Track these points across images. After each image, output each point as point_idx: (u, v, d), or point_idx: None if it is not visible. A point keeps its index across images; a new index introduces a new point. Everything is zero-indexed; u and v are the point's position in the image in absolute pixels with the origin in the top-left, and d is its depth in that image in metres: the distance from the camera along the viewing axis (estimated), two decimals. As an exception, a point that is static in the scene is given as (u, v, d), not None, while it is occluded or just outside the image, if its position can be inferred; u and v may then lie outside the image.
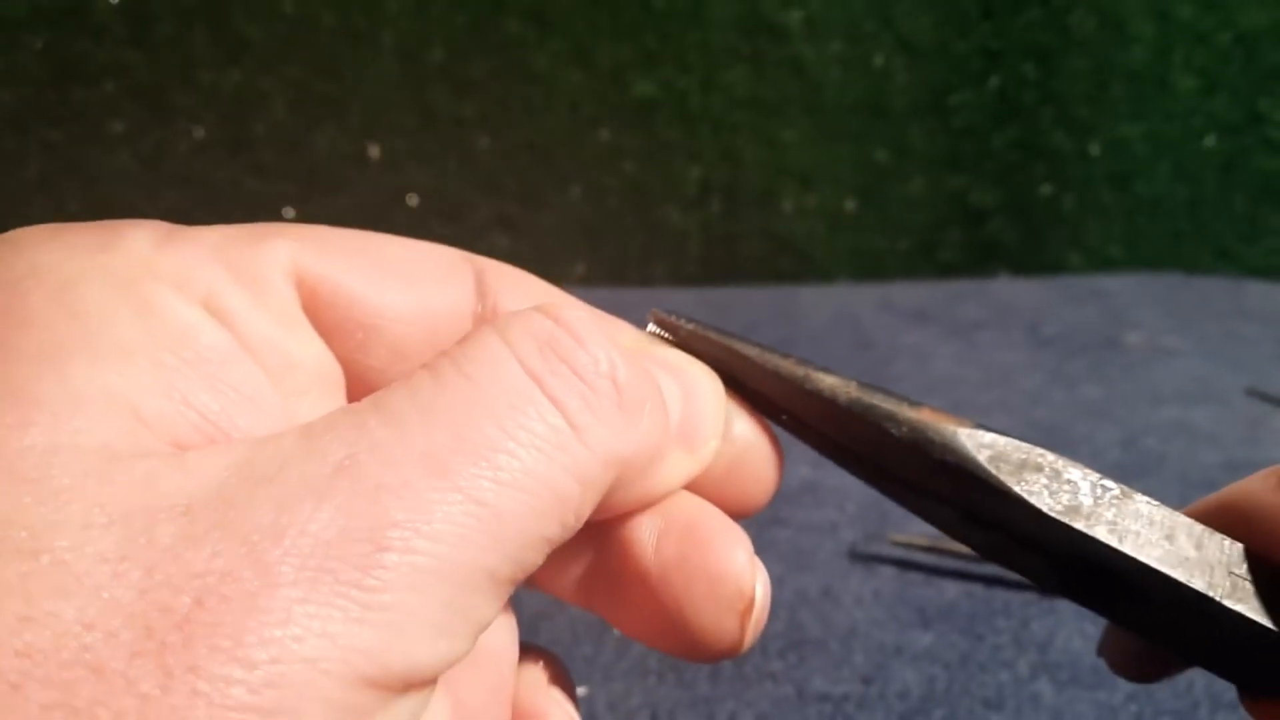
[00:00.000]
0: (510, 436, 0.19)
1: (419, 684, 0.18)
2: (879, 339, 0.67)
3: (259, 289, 0.22)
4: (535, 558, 0.20)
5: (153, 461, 0.18)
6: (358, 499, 0.18)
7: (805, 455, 0.56)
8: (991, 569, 0.46)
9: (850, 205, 0.80)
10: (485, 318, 0.25)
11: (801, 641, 0.43)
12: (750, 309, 0.70)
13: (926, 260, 0.83)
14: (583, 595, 0.25)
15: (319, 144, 0.75)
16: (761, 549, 0.49)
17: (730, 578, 0.24)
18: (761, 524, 0.49)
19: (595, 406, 0.21)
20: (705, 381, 0.25)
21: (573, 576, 0.25)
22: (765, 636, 0.43)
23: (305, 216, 0.77)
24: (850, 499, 0.51)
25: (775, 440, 0.26)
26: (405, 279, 0.24)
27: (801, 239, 0.81)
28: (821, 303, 0.72)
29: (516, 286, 0.25)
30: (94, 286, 0.21)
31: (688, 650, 0.24)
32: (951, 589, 0.46)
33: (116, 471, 0.18)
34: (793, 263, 0.81)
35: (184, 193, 0.76)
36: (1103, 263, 0.82)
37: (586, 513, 0.21)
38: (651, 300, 0.75)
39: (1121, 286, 0.77)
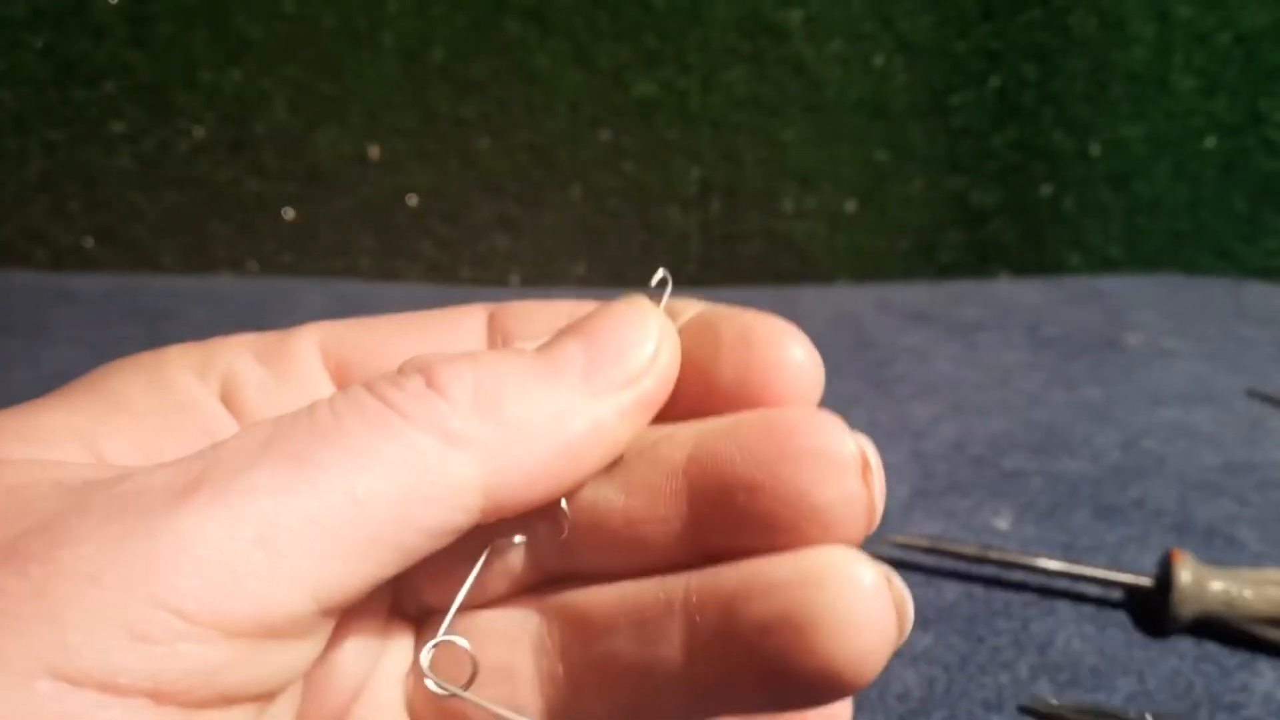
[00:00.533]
0: (358, 437, 0.21)
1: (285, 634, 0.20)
2: (879, 339, 0.67)
3: (283, 366, 0.25)
4: (396, 531, 0.20)
5: (73, 465, 0.21)
6: (193, 460, 0.20)
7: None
8: (991, 570, 0.46)
9: (850, 205, 0.80)
10: (497, 345, 0.27)
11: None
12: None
13: (926, 261, 0.83)
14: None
15: (320, 144, 0.75)
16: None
17: (837, 445, 0.23)
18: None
19: (445, 411, 0.21)
20: (620, 325, 0.24)
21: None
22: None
23: (306, 216, 0.77)
24: None
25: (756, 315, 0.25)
26: (420, 331, 0.26)
27: (802, 239, 0.81)
28: (821, 303, 0.72)
29: (527, 316, 0.26)
30: (125, 373, 0.24)
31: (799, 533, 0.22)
32: (951, 590, 0.46)
33: (30, 465, 0.21)
34: (793, 263, 0.81)
35: (184, 192, 0.76)
36: (1103, 263, 0.82)
37: (473, 485, 0.21)
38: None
39: (1121, 287, 0.77)
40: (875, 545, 0.48)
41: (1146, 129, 0.79)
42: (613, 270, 0.80)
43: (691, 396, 0.25)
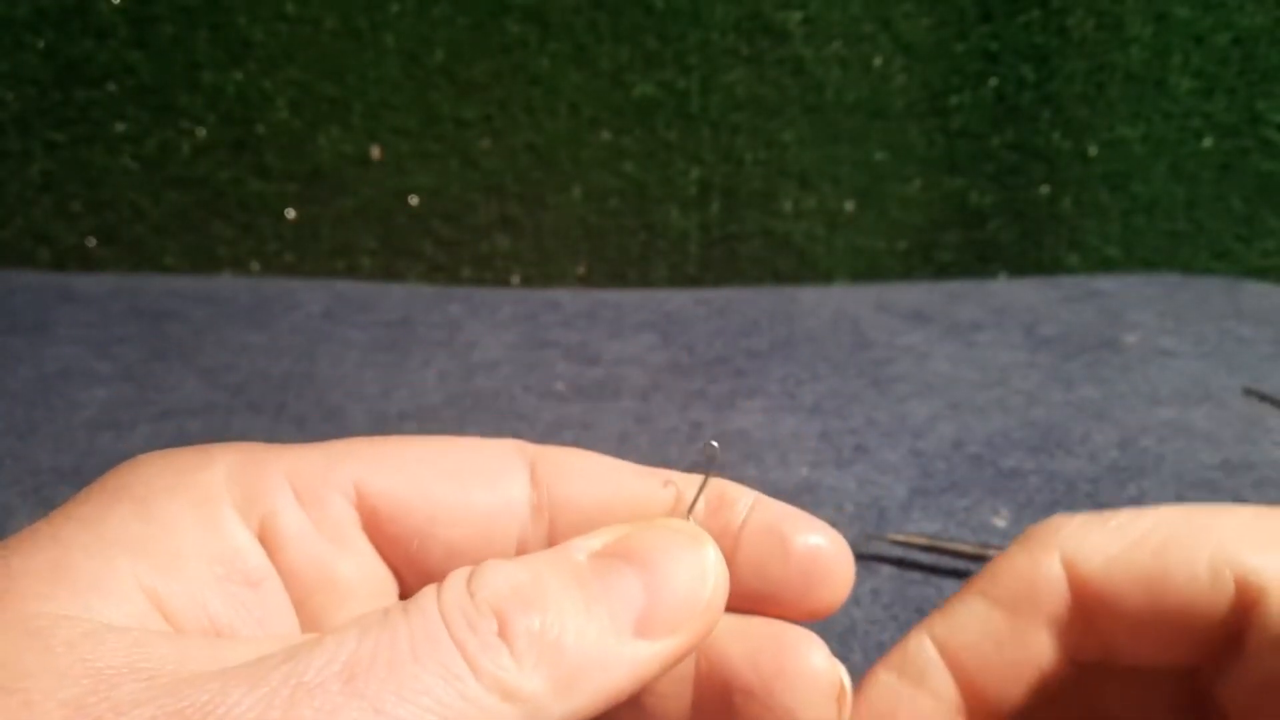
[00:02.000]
0: (427, 672, 0.22)
1: None
2: (878, 339, 0.68)
3: (318, 511, 0.26)
4: None
5: (150, 637, 0.22)
6: (281, 689, 0.21)
7: (804, 455, 0.56)
8: (989, 568, 0.47)
9: (849, 206, 0.80)
10: (541, 507, 0.28)
11: (799, 638, 0.44)
12: (750, 309, 0.71)
13: (925, 260, 0.83)
14: None
15: (321, 145, 0.76)
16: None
17: (822, 674, 0.27)
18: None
19: (509, 668, 0.23)
20: (681, 566, 0.26)
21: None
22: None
23: (308, 217, 0.77)
24: (849, 499, 0.52)
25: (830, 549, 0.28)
26: (458, 482, 0.27)
27: (801, 239, 0.81)
28: (821, 303, 0.72)
29: (570, 471, 0.28)
30: (172, 501, 0.25)
31: None
32: (949, 588, 0.46)
33: (113, 639, 0.21)
34: (792, 262, 0.81)
35: (187, 193, 0.76)
36: (1100, 263, 0.82)
37: None
38: (651, 301, 0.74)
39: (1119, 287, 0.77)
40: (874, 544, 0.48)
41: (1144, 129, 0.79)
42: (613, 270, 0.81)
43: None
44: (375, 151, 0.76)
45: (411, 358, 0.64)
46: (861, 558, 0.48)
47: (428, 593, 0.23)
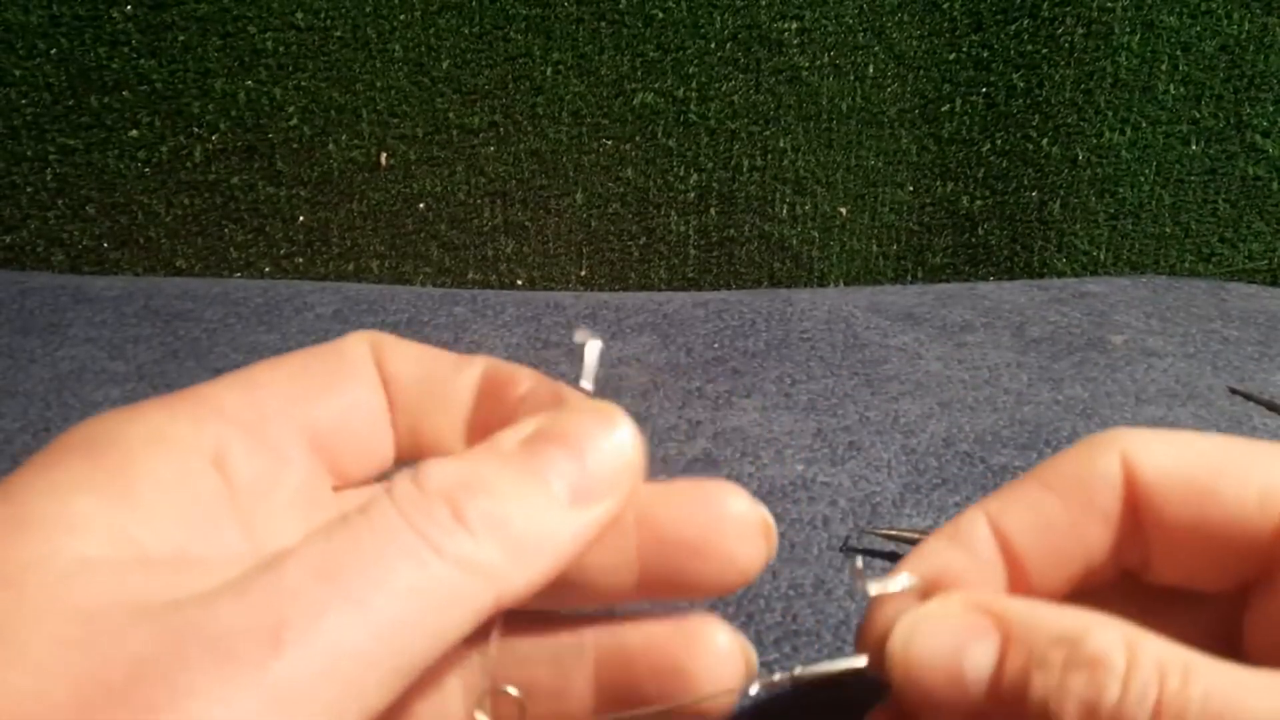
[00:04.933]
0: (396, 561, 0.24)
1: None
2: (870, 339, 0.68)
3: (258, 434, 0.29)
4: (425, 660, 0.24)
5: (123, 568, 0.23)
6: (266, 596, 0.22)
7: (799, 452, 0.58)
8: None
9: (843, 211, 0.81)
10: (385, 383, 0.32)
11: (795, 632, 0.44)
12: (746, 310, 0.71)
13: (917, 264, 0.83)
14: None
15: (331, 151, 0.76)
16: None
17: (748, 514, 0.29)
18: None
19: (467, 544, 0.25)
20: (601, 439, 0.28)
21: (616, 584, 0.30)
22: (761, 627, 0.44)
23: (318, 222, 0.78)
24: (842, 494, 0.53)
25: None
26: (341, 381, 0.32)
27: (796, 243, 0.81)
28: (815, 305, 0.72)
29: (402, 354, 0.32)
30: (128, 443, 0.27)
31: (721, 585, 0.29)
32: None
33: (88, 574, 0.23)
34: (787, 266, 0.82)
35: (199, 197, 0.76)
36: (1088, 266, 0.83)
37: (483, 616, 0.25)
38: (651, 303, 0.75)
39: (1106, 289, 0.77)
40: (867, 539, 0.49)
41: (1132, 135, 0.80)
42: (614, 273, 0.81)
43: None
44: (383, 158, 0.76)
45: (418, 358, 0.65)
46: (855, 552, 0.49)
47: (379, 495, 0.25)
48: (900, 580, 0.31)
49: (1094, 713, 0.25)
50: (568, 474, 0.27)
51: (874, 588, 0.31)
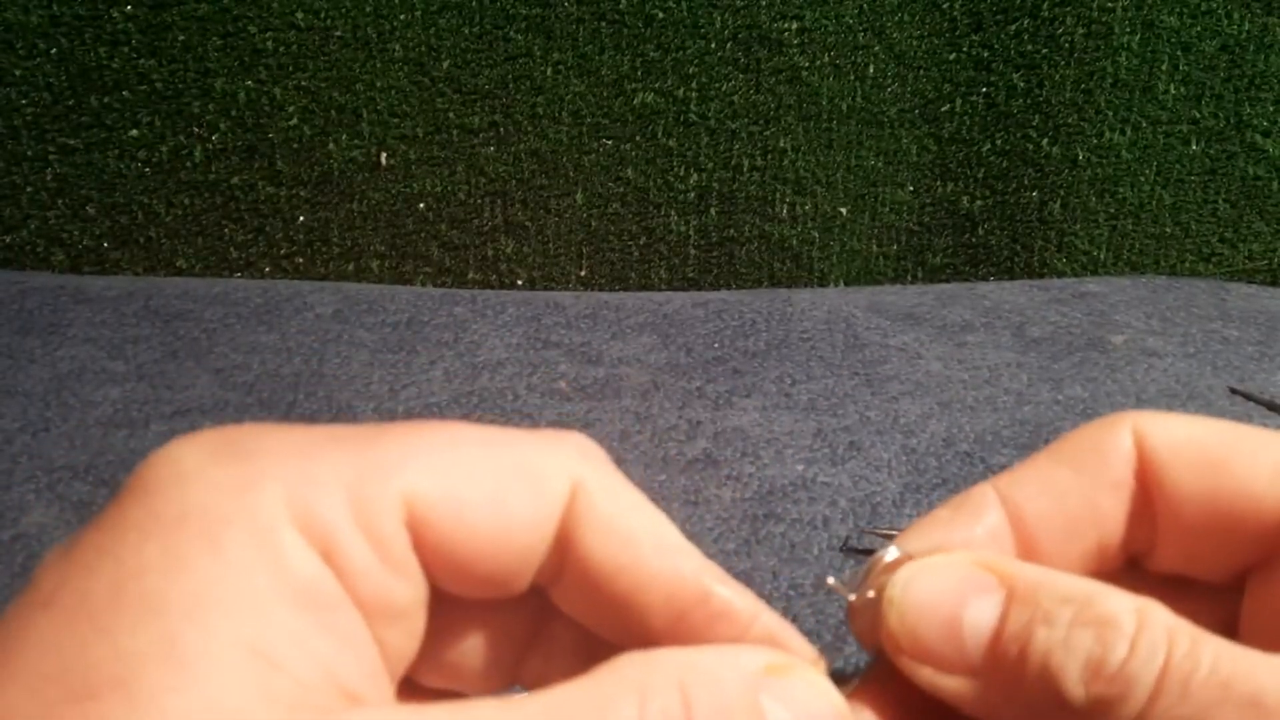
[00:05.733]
0: None
1: None
2: (871, 339, 0.68)
3: (377, 538, 0.24)
4: None
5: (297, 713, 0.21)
6: None
7: (799, 452, 0.58)
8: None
9: (844, 211, 0.81)
10: (563, 537, 0.26)
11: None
12: (746, 310, 0.71)
13: (917, 264, 0.83)
14: None
15: (331, 151, 0.76)
16: (757, 543, 0.51)
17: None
18: (757, 520, 0.51)
19: None
20: (821, 707, 0.26)
21: None
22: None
23: (318, 222, 0.78)
24: (842, 495, 0.53)
25: None
26: (501, 505, 0.25)
27: (796, 243, 0.81)
28: (815, 305, 0.72)
29: (607, 523, 0.26)
30: (236, 533, 0.23)
31: None
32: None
33: None
34: (788, 266, 0.82)
35: (199, 197, 0.76)
36: (1089, 266, 0.83)
37: None
38: (651, 303, 0.75)
39: (1107, 289, 0.77)
40: (867, 539, 0.50)
41: (1132, 135, 0.80)
42: (614, 273, 0.81)
43: None
44: (383, 158, 0.76)
45: (419, 358, 0.65)
46: (855, 552, 0.49)
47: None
48: (890, 553, 0.30)
49: (1098, 671, 0.25)
50: None
51: (854, 595, 0.29)
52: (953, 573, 0.27)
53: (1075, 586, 0.26)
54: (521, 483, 0.26)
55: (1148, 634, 0.25)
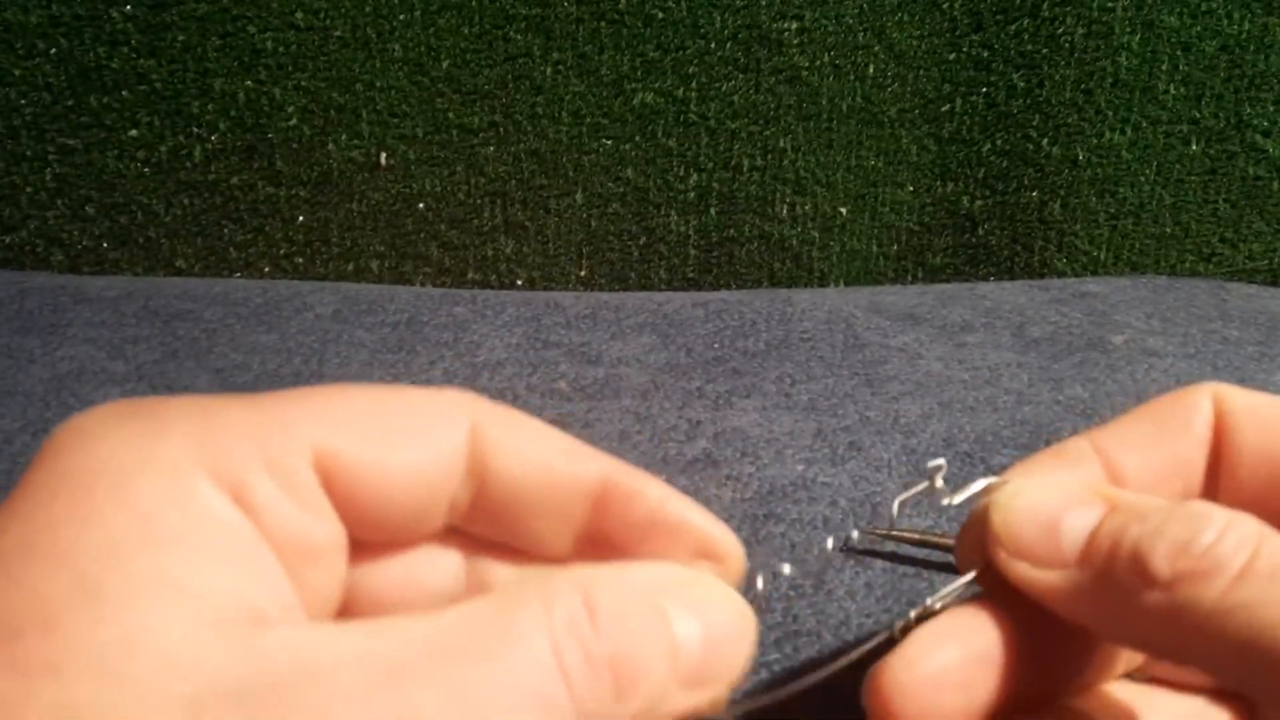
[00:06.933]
0: (521, 695, 0.23)
1: None
2: (871, 340, 0.68)
3: (286, 479, 0.25)
4: None
5: (207, 638, 0.22)
6: (388, 716, 0.21)
7: (799, 452, 0.58)
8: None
9: (844, 211, 0.81)
10: (474, 472, 0.28)
11: (796, 633, 0.44)
12: (746, 310, 0.71)
13: (917, 264, 0.83)
14: None
15: (330, 151, 0.76)
16: (757, 543, 0.51)
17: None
18: (757, 520, 0.51)
19: (594, 687, 0.24)
20: (734, 624, 0.27)
21: None
22: (761, 627, 0.44)
23: (318, 222, 0.78)
24: (842, 495, 0.53)
25: None
26: (404, 439, 0.27)
27: (796, 243, 0.81)
28: (815, 305, 0.72)
29: (505, 443, 0.28)
30: (146, 480, 0.24)
31: None
32: (941, 581, 0.47)
33: (184, 661, 0.21)
34: (787, 266, 0.82)
35: (199, 197, 0.76)
36: (1089, 266, 0.83)
37: None
38: (651, 303, 0.75)
39: (1107, 289, 0.77)
40: (868, 539, 0.49)
41: (1133, 135, 0.80)
42: (614, 273, 0.81)
43: None
44: (383, 158, 0.76)
45: (418, 358, 0.65)
46: (856, 552, 0.49)
47: (528, 610, 0.24)
48: (982, 483, 0.31)
49: (1186, 549, 0.26)
50: (703, 663, 0.26)
51: (960, 496, 0.32)
52: (1057, 489, 0.29)
53: (1169, 503, 0.28)
54: (423, 421, 0.27)
55: (1237, 529, 0.26)
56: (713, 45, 0.76)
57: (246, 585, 0.24)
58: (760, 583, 0.32)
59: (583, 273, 0.81)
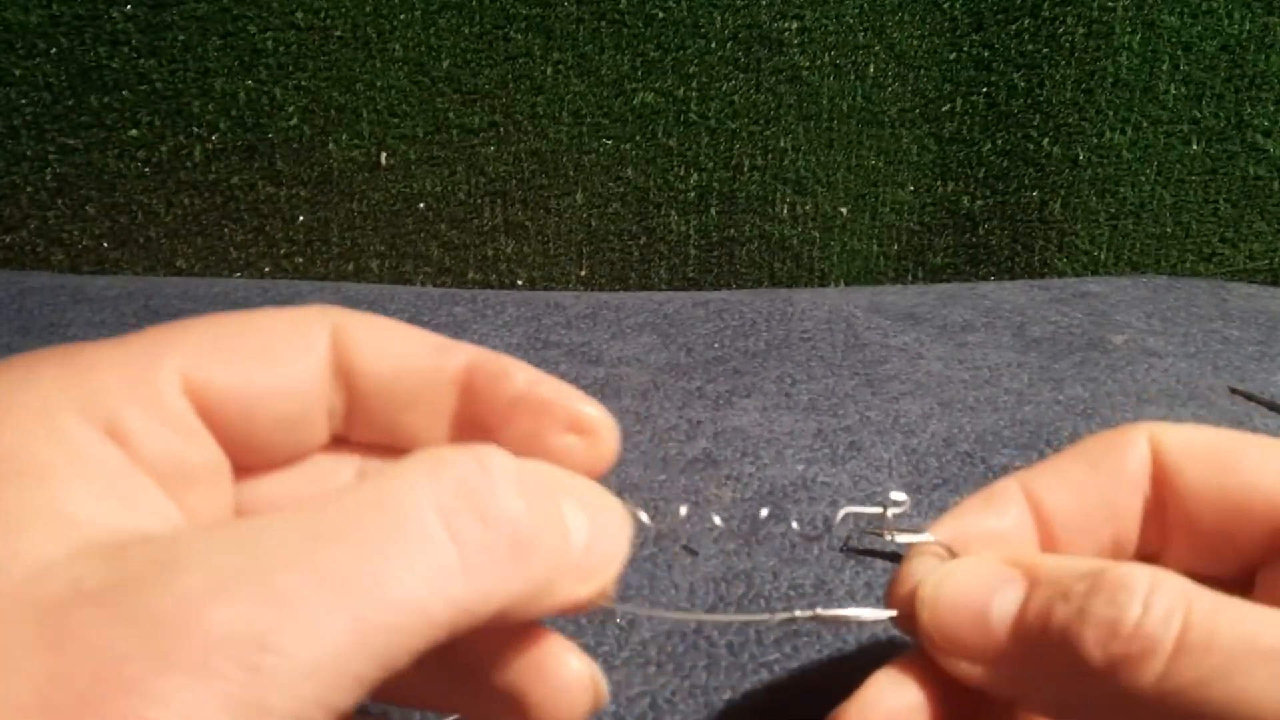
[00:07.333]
0: (406, 567, 0.22)
1: None
2: (871, 339, 0.68)
3: (157, 408, 0.26)
4: (403, 664, 0.23)
5: (77, 557, 0.22)
6: (251, 603, 0.21)
7: (799, 452, 0.58)
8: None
9: (844, 210, 0.81)
10: (340, 375, 0.29)
11: (796, 633, 0.44)
12: (747, 310, 0.71)
13: (917, 264, 0.83)
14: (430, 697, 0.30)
15: (331, 150, 0.76)
16: (757, 544, 0.51)
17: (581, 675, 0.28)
18: (757, 520, 0.51)
19: (490, 550, 0.24)
20: (615, 521, 0.27)
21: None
22: (761, 628, 0.44)
23: (318, 222, 0.78)
24: (843, 495, 0.53)
25: None
26: (269, 359, 0.28)
27: (797, 243, 0.81)
28: (816, 305, 0.72)
29: (366, 341, 0.29)
30: (13, 420, 0.24)
31: None
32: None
33: (48, 574, 0.21)
34: (788, 266, 0.82)
35: (199, 197, 0.76)
36: (1089, 266, 0.83)
37: (463, 631, 0.23)
38: (651, 303, 0.75)
39: (1107, 289, 0.77)
40: (868, 539, 0.49)
41: (1133, 135, 0.80)
42: (614, 273, 0.81)
43: None
44: (383, 158, 0.76)
45: (418, 358, 0.65)
46: (856, 553, 0.49)
47: (398, 472, 0.24)
48: (924, 536, 0.31)
49: (1114, 631, 0.25)
50: (583, 534, 0.26)
51: (902, 537, 0.32)
52: (981, 571, 0.29)
53: (1092, 564, 0.27)
54: (284, 338, 0.28)
55: (1162, 594, 0.25)
56: (713, 45, 0.76)
57: (119, 510, 0.24)
58: (683, 510, 0.33)
59: (583, 273, 0.81)
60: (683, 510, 0.33)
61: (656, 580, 0.47)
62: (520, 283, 0.81)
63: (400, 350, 0.29)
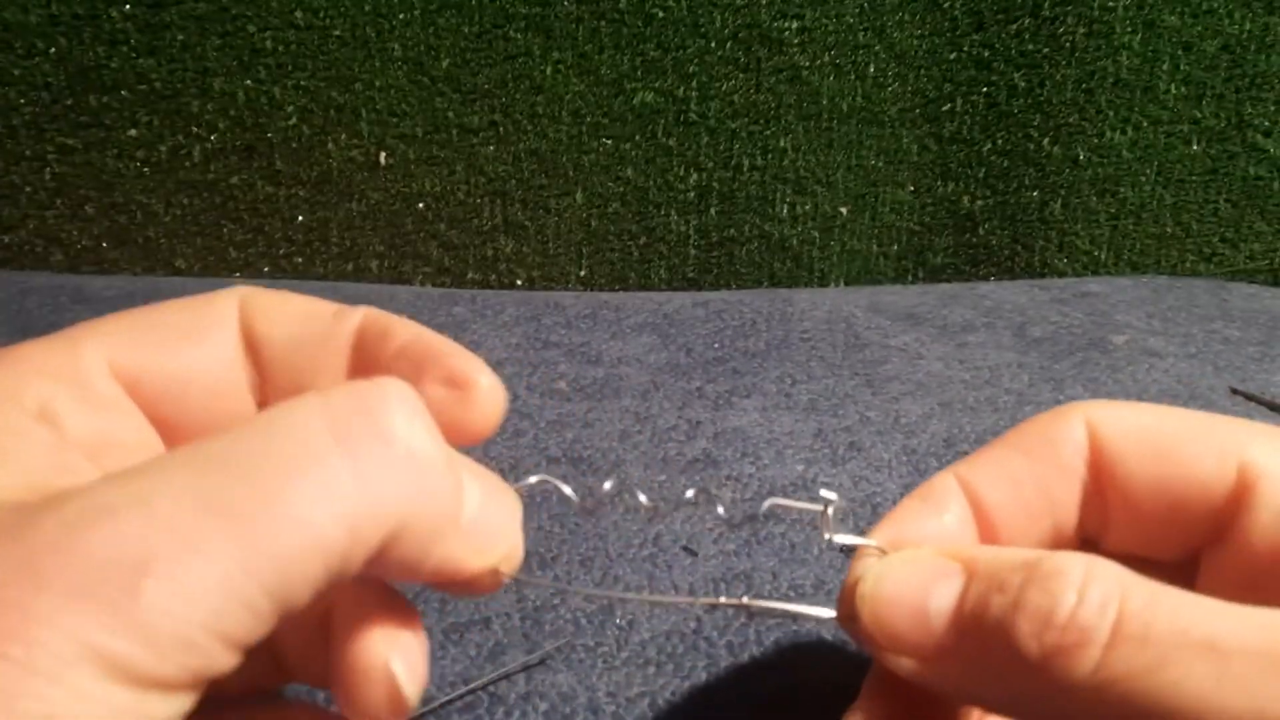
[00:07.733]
0: (295, 487, 0.22)
1: (174, 688, 0.21)
2: (871, 339, 0.68)
3: (84, 391, 0.28)
4: (302, 597, 0.23)
5: None
6: (133, 528, 0.21)
7: (799, 452, 0.58)
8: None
9: (844, 210, 0.81)
10: (251, 349, 0.30)
11: (796, 632, 0.44)
12: (747, 310, 0.71)
13: (918, 264, 0.83)
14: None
15: (330, 150, 0.76)
16: (757, 544, 0.51)
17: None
18: (757, 520, 0.51)
19: (386, 462, 0.24)
20: (507, 501, 0.28)
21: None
22: (762, 627, 0.44)
23: (317, 222, 0.78)
24: (843, 495, 0.53)
25: None
26: (189, 339, 0.30)
27: (797, 243, 0.81)
28: (816, 305, 0.72)
29: (269, 314, 0.30)
30: None
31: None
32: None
33: None
34: (788, 266, 0.82)
35: (198, 197, 0.76)
36: (1090, 266, 0.83)
37: (356, 564, 0.23)
38: (651, 303, 0.75)
39: (1108, 289, 0.77)
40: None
41: (1133, 135, 0.80)
42: (614, 273, 0.81)
43: None
44: (383, 157, 0.76)
45: (418, 358, 0.65)
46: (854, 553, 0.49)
47: (295, 400, 0.24)
48: (866, 541, 0.31)
49: (1049, 622, 0.25)
50: (475, 499, 0.27)
51: (840, 538, 0.32)
52: (918, 566, 0.28)
53: (1028, 554, 0.27)
54: (196, 320, 0.30)
55: (1097, 584, 0.25)
56: (713, 45, 0.76)
57: (48, 482, 0.25)
58: (608, 485, 0.33)
59: (583, 272, 0.81)
60: (689, 493, 0.32)
61: (656, 580, 0.47)
62: (520, 282, 0.81)
63: (298, 318, 0.30)
